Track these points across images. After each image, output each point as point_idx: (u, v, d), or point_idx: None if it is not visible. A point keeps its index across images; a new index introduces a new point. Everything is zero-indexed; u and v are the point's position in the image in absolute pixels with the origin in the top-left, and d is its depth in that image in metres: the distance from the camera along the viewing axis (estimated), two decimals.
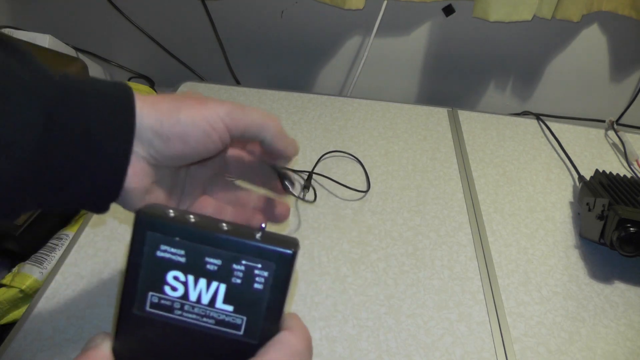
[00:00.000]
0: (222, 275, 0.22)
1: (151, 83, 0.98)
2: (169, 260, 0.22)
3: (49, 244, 0.61)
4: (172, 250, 0.22)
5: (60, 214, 0.57)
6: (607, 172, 0.66)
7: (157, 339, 0.23)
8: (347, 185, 0.65)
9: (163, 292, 0.23)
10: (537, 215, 0.64)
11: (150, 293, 0.23)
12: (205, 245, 0.22)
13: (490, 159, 0.73)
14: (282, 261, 0.22)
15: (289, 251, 0.22)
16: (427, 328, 0.50)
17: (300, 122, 0.77)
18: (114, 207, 0.31)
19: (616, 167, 0.74)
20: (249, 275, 0.22)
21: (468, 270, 0.56)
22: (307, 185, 0.64)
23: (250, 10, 0.93)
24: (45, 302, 0.50)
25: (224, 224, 0.23)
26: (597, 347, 0.49)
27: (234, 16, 0.93)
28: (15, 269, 0.59)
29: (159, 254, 0.22)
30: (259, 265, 0.22)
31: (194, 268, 0.22)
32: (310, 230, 0.59)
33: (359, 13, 0.89)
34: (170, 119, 0.30)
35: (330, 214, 0.61)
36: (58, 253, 0.59)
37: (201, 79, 0.99)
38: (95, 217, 0.59)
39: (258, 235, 0.23)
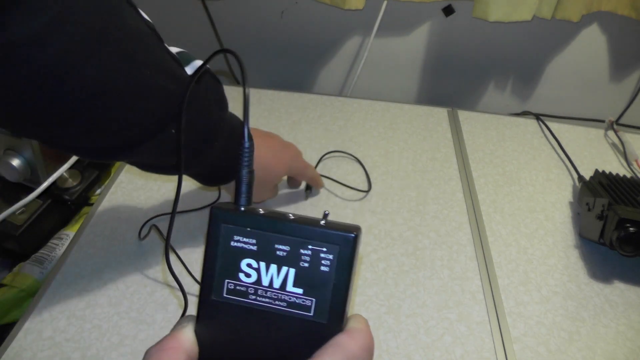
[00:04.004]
0: (291, 260, 0.24)
1: None
2: (242, 249, 0.24)
3: (49, 244, 0.61)
4: (245, 239, 0.24)
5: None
6: (607, 172, 0.66)
7: (234, 322, 0.25)
8: (349, 185, 0.66)
9: (238, 279, 0.25)
10: (537, 215, 0.64)
11: (227, 280, 0.25)
12: (274, 233, 0.24)
13: (490, 159, 0.73)
14: (345, 244, 0.24)
15: (351, 234, 0.24)
16: (427, 328, 0.50)
17: (300, 122, 0.77)
18: (114, 207, 0.31)
19: (616, 167, 0.74)
20: (315, 259, 0.24)
21: (468, 270, 0.56)
22: (309, 187, 0.64)
23: (250, 10, 0.93)
24: (45, 302, 0.50)
25: (290, 215, 0.25)
26: (596, 346, 0.50)
27: (234, 16, 0.93)
28: (15, 269, 0.59)
29: (233, 244, 0.24)
30: (325, 249, 0.24)
31: (265, 255, 0.24)
32: None
33: (359, 13, 0.89)
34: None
35: (330, 214, 0.61)
36: (58, 253, 0.59)
37: None
38: (95, 217, 0.59)
39: (322, 222, 0.25)
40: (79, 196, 0.65)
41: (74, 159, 0.63)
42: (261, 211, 0.25)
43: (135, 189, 0.63)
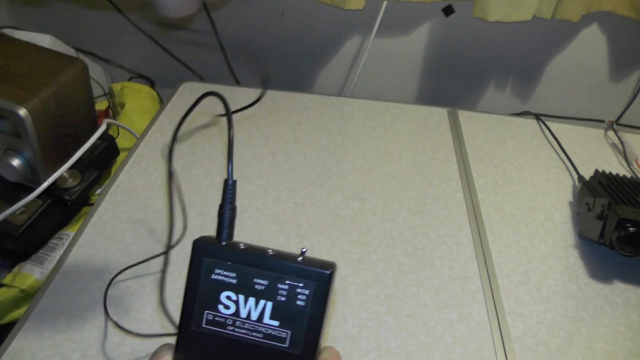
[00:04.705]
0: (268, 294, 0.25)
1: (151, 83, 0.98)
2: (223, 282, 0.26)
3: (49, 244, 0.61)
4: (225, 273, 0.26)
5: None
6: (607, 172, 0.66)
7: (212, 352, 0.26)
8: None
9: (217, 310, 0.26)
10: (537, 215, 0.64)
11: (206, 311, 0.26)
12: (254, 267, 0.25)
13: (490, 159, 0.73)
14: (321, 280, 0.25)
15: (327, 271, 0.26)
16: (427, 328, 0.50)
17: (300, 122, 0.77)
18: (114, 207, 0.31)
19: (616, 167, 0.74)
20: (292, 294, 0.25)
21: (468, 270, 0.56)
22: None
23: (250, 10, 0.93)
24: (46, 302, 0.50)
25: (270, 250, 0.26)
26: (596, 347, 0.50)
27: (234, 16, 0.93)
28: (15, 269, 0.59)
29: (214, 276, 0.26)
30: (301, 285, 0.25)
31: (245, 288, 0.26)
32: (310, 230, 0.59)
33: (359, 13, 0.89)
34: None
35: (330, 214, 0.62)
36: (58, 253, 0.60)
37: (201, 79, 0.99)
38: (95, 217, 0.59)
39: (300, 259, 0.26)
40: (79, 196, 0.65)
41: (74, 158, 0.63)
42: (242, 246, 0.26)
43: (135, 189, 0.63)
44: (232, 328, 0.26)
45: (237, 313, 0.25)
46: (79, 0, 0.94)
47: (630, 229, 0.52)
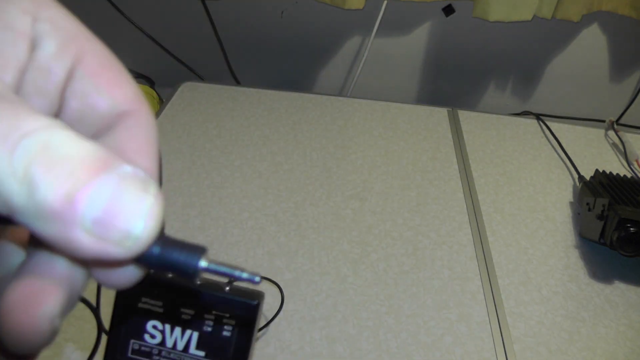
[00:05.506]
0: (195, 324, 0.25)
1: (151, 83, 0.98)
2: (149, 311, 0.25)
3: None
4: (152, 302, 0.25)
5: None
6: (607, 172, 0.66)
7: None
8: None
9: (143, 340, 0.26)
10: (537, 215, 0.64)
11: (132, 340, 0.26)
12: (180, 297, 0.25)
13: (490, 159, 0.73)
14: (247, 311, 0.25)
15: (253, 302, 0.25)
16: (427, 328, 0.50)
17: (300, 122, 0.77)
18: None
19: (616, 167, 0.74)
20: (218, 324, 0.25)
21: (468, 270, 0.56)
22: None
23: (250, 10, 0.93)
24: None
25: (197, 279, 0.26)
26: (597, 347, 0.49)
27: (234, 16, 0.93)
28: None
29: (140, 305, 0.26)
30: (227, 315, 0.25)
31: (171, 317, 0.25)
32: (311, 230, 0.59)
33: (359, 13, 0.89)
34: None
35: (330, 214, 0.61)
36: None
37: (201, 78, 0.99)
38: None
39: (227, 289, 0.25)
40: None
41: None
42: (170, 275, 0.25)
43: None
44: (157, 358, 0.25)
45: (162, 343, 0.25)
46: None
47: (631, 229, 0.52)
